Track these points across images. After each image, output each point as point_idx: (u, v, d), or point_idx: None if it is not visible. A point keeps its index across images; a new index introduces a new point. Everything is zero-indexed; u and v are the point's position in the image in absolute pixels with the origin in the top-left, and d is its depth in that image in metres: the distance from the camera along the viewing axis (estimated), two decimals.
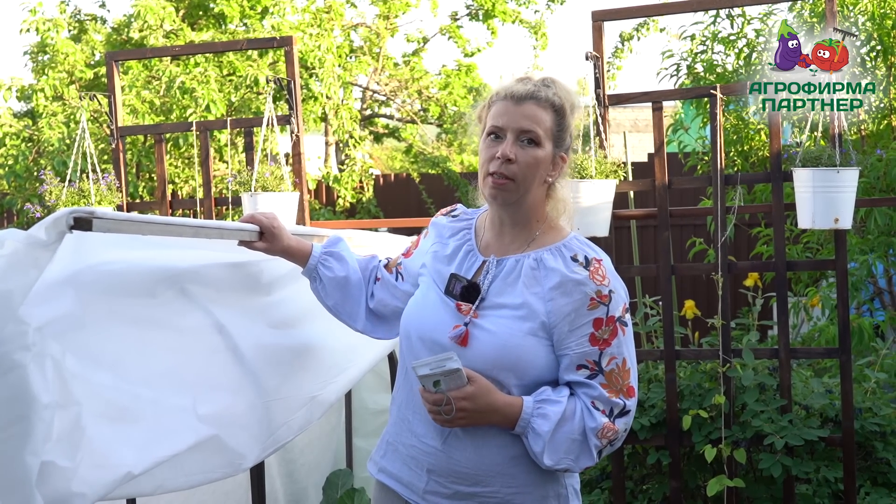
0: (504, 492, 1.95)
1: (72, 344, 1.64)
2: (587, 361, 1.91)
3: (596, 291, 1.91)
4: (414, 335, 2.03)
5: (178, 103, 7.59)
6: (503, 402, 1.89)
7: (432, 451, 1.98)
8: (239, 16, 8.53)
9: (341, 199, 8.62)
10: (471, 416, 1.87)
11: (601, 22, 3.87)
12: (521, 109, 1.95)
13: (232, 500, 3.24)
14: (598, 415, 1.90)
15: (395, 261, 2.24)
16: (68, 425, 1.56)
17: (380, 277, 2.23)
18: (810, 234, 5.36)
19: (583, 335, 1.91)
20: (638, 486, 4.00)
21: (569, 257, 1.96)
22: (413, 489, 2.02)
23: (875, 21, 4.88)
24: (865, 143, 5.31)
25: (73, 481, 1.55)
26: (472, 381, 1.86)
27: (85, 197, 4.28)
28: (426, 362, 1.84)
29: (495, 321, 1.94)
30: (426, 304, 2.04)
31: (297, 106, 4.27)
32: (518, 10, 9.68)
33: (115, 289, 1.80)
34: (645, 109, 12.89)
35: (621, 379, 1.92)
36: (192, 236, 1.93)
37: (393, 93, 10.43)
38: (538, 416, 1.89)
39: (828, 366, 4.60)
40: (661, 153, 3.82)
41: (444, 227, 2.13)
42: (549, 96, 1.96)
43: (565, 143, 2.02)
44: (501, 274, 1.98)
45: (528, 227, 2.02)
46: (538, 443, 1.89)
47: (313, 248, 2.20)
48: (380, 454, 2.12)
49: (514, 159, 1.94)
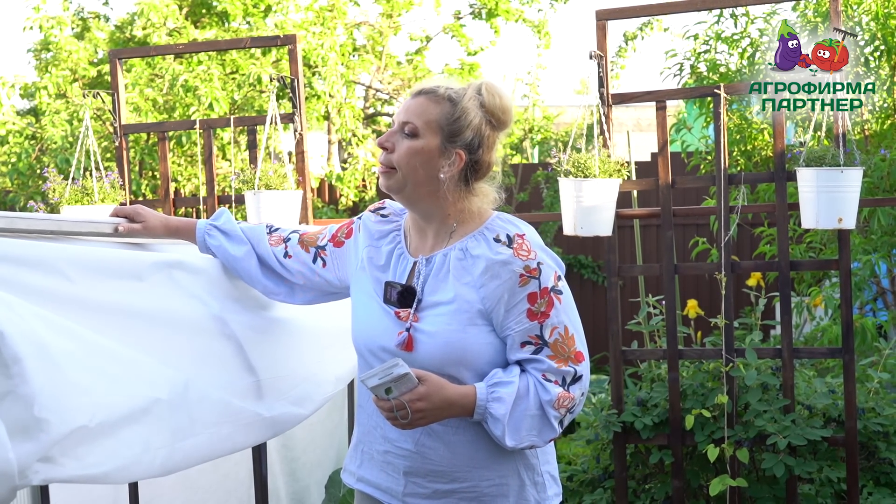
0: (482, 485, 1.97)
1: (49, 301, 1.67)
2: (530, 337, 1.92)
3: (524, 267, 1.91)
4: (364, 349, 2.05)
5: (182, 101, 7.59)
6: (457, 394, 1.90)
7: (406, 453, 2.00)
8: (242, 14, 8.53)
9: (344, 198, 8.61)
10: (428, 415, 1.87)
11: (605, 21, 3.87)
12: (410, 103, 1.99)
13: (234, 498, 3.24)
14: (551, 386, 1.91)
15: (313, 240, 2.23)
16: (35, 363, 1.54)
17: (291, 255, 2.23)
18: (813, 233, 5.35)
19: (520, 312, 1.91)
20: (640, 485, 4.00)
21: (491, 239, 1.96)
22: (392, 494, 2.03)
23: (879, 21, 4.87)
24: (869, 142, 5.31)
25: (35, 406, 1.53)
26: (422, 380, 1.86)
27: (88, 195, 4.28)
28: (373, 373, 1.83)
29: (434, 320, 1.95)
30: (369, 315, 2.04)
31: (301, 104, 4.26)
32: (521, 8, 9.66)
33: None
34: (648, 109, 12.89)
35: (567, 347, 1.93)
36: (50, 238, 1.92)
37: (396, 91, 10.43)
38: (493, 400, 1.90)
39: (831, 366, 4.60)
40: (665, 152, 3.82)
41: (373, 229, 2.13)
42: (446, 91, 1.97)
43: (464, 138, 1.97)
44: (432, 272, 1.99)
45: (444, 223, 2.02)
46: (498, 426, 1.90)
47: (197, 224, 2.26)
48: (355, 464, 2.13)
49: (390, 148, 1.98)
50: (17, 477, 1.48)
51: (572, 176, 3.63)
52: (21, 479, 1.49)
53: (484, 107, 1.98)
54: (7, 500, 1.50)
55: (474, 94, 1.97)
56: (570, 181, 3.62)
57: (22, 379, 1.50)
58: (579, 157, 3.65)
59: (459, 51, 9.93)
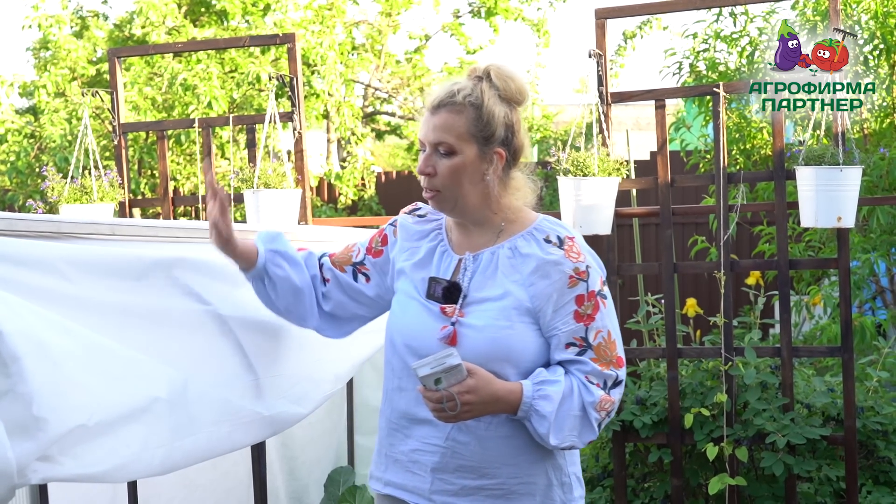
0: (510, 483, 1.97)
1: (48, 300, 1.67)
2: (575, 339, 1.95)
3: (574, 269, 1.94)
4: (400, 343, 2.03)
5: (180, 100, 7.59)
6: (504, 390, 1.90)
7: (435, 449, 1.99)
8: (241, 12, 8.53)
9: (343, 197, 8.61)
10: (474, 409, 1.87)
11: (604, 19, 3.87)
12: (434, 120, 1.96)
13: (233, 498, 3.24)
14: (594, 388, 1.94)
15: (347, 258, 2.17)
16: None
17: (329, 279, 2.16)
18: (812, 232, 5.35)
19: (567, 313, 1.94)
20: (639, 484, 4.00)
21: (542, 239, 1.98)
22: (419, 493, 2.02)
23: (878, 19, 4.87)
24: (868, 141, 5.31)
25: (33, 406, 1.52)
26: (472, 373, 1.87)
27: (87, 193, 4.28)
28: (426, 362, 1.84)
29: (481, 316, 1.95)
30: (409, 311, 2.03)
31: (300, 103, 4.26)
32: (520, 7, 9.67)
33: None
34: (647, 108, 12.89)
35: (609, 351, 1.96)
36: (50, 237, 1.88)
37: (395, 90, 10.43)
38: (539, 398, 1.91)
39: (830, 364, 4.60)
40: (664, 151, 3.82)
41: (412, 230, 2.12)
42: (465, 97, 1.94)
43: (496, 136, 1.96)
44: (479, 268, 2.00)
45: (490, 222, 2.02)
46: (543, 424, 1.91)
47: (257, 245, 2.10)
48: (381, 470, 2.11)
49: (432, 173, 1.96)
50: (16, 476, 1.48)
51: (571, 175, 3.63)
52: (20, 478, 1.49)
53: (503, 96, 1.98)
54: (6, 499, 1.49)
55: (489, 88, 1.96)
56: (569, 180, 3.62)
57: (20, 378, 1.50)
58: (578, 155, 3.65)
59: (459, 49, 9.95)
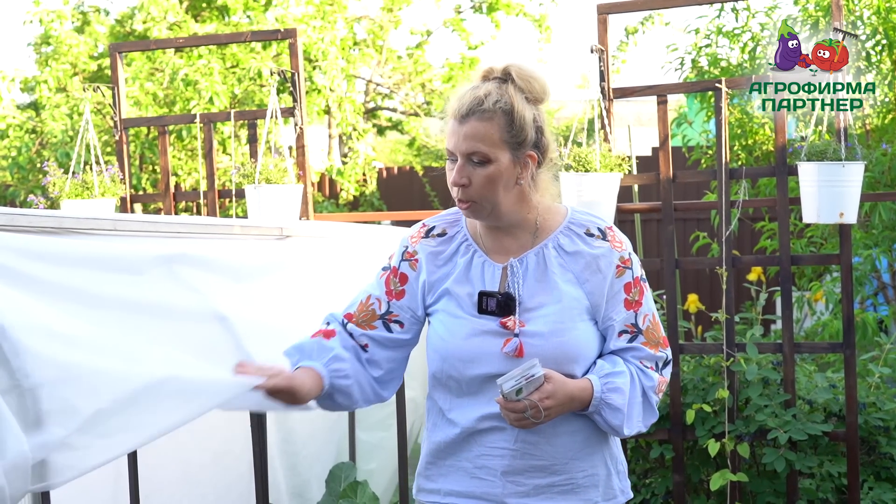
0: (577, 476, 1.97)
1: (50, 295, 1.68)
2: (626, 326, 1.97)
3: (619, 258, 1.96)
4: (458, 365, 1.95)
5: (182, 95, 7.58)
6: (577, 388, 1.91)
7: (504, 452, 1.96)
8: (242, 8, 8.52)
9: (344, 192, 8.61)
10: (553, 412, 1.87)
11: (606, 15, 3.86)
12: (464, 129, 1.89)
13: (234, 492, 3.24)
14: (650, 373, 1.98)
15: (370, 314, 2.05)
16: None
17: (366, 344, 2.04)
18: (814, 228, 5.35)
19: (619, 302, 1.96)
20: (641, 479, 4.01)
21: (583, 234, 1.97)
22: (490, 498, 1.99)
23: (881, 15, 4.87)
24: (870, 137, 5.30)
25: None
26: (547, 378, 1.85)
27: (88, 189, 4.28)
28: (511, 376, 1.82)
29: (542, 321, 1.93)
30: (459, 332, 1.95)
31: (301, 98, 4.26)
32: (522, 2, 9.66)
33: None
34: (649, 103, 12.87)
35: (656, 333, 2.00)
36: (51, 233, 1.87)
37: (396, 86, 10.42)
38: (609, 391, 1.92)
39: (831, 360, 4.60)
40: (666, 147, 3.81)
41: (438, 253, 2.02)
42: (495, 103, 1.90)
43: (528, 139, 1.92)
44: (528, 273, 1.96)
45: (525, 222, 1.99)
46: (617, 416, 1.93)
47: (318, 369, 1.98)
48: (434, 483, 2.05)
49: (467, 184, 1.90)
50: (30, 471, 1.48)
51: (573, 170, 3.62)
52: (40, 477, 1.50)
53: (529, 98, 1.94)
54: (20, 496, 1.50)
55: (517, 93, 1.91)
56: (570, 176, 3.62)
57: (24, 373, 1.51)
58: (580, 151, 3.65)
59: (460, 45, 9.91)
